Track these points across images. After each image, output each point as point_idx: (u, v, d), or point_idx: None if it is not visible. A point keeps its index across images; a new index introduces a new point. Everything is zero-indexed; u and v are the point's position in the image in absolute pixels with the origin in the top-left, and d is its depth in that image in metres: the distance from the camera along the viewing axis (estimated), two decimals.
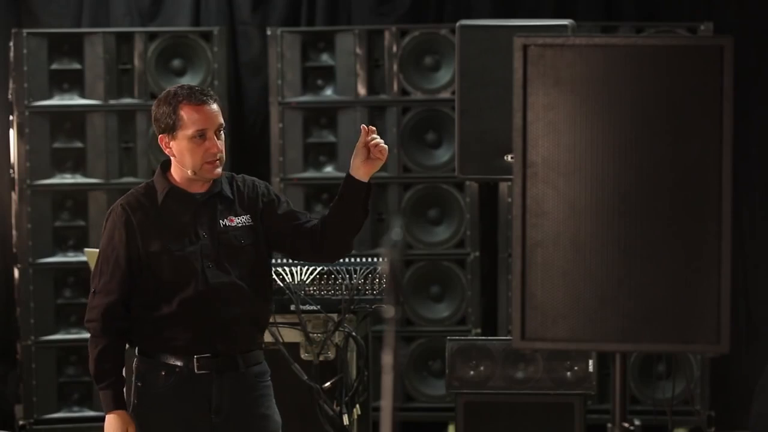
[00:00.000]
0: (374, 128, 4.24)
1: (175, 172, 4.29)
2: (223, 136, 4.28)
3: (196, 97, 4.24)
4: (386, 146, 4.22)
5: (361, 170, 4.19)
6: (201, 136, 4.22)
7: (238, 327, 4.24)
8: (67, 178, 7.10)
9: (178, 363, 4.21)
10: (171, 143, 4.25)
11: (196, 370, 4.20)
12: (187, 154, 4.23)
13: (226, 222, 4.25)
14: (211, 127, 4.23)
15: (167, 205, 4.26)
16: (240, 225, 4.26)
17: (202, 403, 4.21)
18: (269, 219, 4.30)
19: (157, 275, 4.20)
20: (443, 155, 7.04)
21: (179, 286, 4.20)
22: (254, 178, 4.43)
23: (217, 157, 4.23)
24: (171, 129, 4.23)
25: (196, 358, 4.20)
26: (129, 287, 4.22)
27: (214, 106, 4.26)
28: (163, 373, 4.22)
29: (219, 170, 4.26)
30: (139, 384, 4.26)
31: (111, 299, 4.21)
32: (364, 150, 4.20)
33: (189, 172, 4.25)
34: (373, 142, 4.19)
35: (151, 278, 4.21)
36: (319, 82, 7.13)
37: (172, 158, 4.27)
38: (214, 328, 4.21)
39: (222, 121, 4.27)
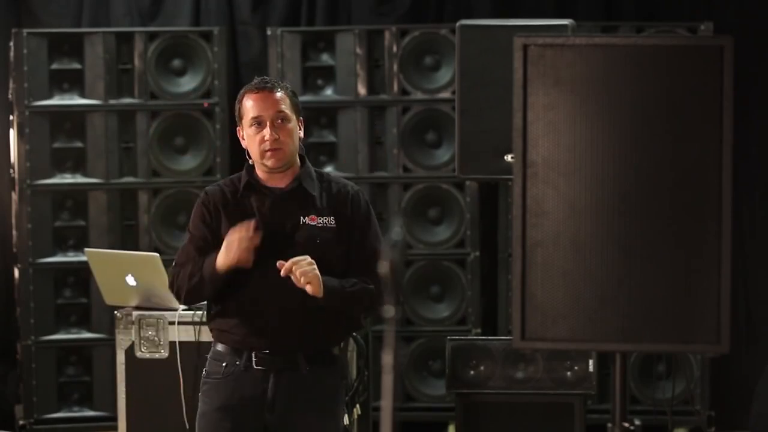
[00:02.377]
0: (282, 264, 4.04)
1: (255, 165, 4.27)
2: (290, 126, 4.19)
3: (257, 85, 4.22)
4: (305, 270, 4.02)
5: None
6: (259, 123, 4.18)
7: (297, 324, 4.16)
8: (67, 178, 7.09)
9: (237, 357, 4.20)
10: (243, 134, 4.25)
11: (254, 365, 4.17)
12: (249, 143, 4.22)
13: (307, 220, 4.18)
14: (266, 113, 4.16)
15: (245, 197, 4.24)
16: (321, 225, 4.17)
17: (256, 400, 4.18)
18: (347, 235, 4.22)
19: None
20: (443, 155, 7.03)
21: (238, 279, 4.16)
22: (347, 181, 4.34)
23: (272, 146, 4.15)
24: (239, 119, 4.25)
25: (254, 353, 4.17)
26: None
27: (277, 94, 4.19)
28: (224, 365, 4.22)
29: (278, 160, 4.18)
30: (205, 371, 4.28)
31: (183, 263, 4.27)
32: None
33: (251, 161, 4.24)
34: (294, 272, 4.03)
35: None
36: (319, 82, 7.12)
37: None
38: (268, 324, 4.16)
39: (282, 108, 4.18)
